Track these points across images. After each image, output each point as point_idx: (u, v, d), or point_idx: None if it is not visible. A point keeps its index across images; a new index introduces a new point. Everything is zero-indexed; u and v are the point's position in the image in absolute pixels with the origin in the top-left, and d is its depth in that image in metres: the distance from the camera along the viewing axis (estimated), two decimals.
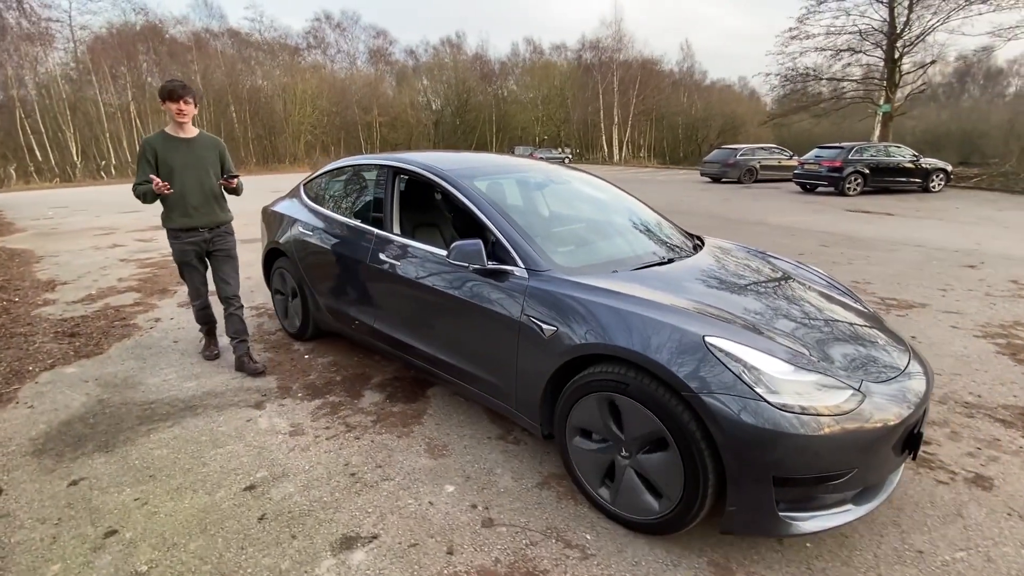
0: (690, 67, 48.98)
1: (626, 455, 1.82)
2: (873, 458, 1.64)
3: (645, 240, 2.72)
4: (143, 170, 2.93)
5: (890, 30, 20.09)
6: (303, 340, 3.70)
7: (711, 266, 2.42)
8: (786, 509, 1.60)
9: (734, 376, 1.57)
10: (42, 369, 3.26)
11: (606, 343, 1.79)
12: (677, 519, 1.73)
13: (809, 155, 14.29)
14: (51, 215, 11.55)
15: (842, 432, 1.54)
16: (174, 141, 2.99)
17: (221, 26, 38.60)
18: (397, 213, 2.89)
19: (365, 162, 3.34)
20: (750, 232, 8.02)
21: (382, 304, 2.85)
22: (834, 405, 1.57)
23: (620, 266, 2.27)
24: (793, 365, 1.65)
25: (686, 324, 1.72)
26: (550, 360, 1.96)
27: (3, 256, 6.93)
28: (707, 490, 1.63)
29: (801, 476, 1.57)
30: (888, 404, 1.66)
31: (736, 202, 12.16)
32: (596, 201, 3.18)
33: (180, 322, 4.15)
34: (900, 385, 1.76)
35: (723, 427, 1.54)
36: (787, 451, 1.52)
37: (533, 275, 2.11)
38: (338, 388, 3.01)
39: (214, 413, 2.71)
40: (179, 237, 3.08)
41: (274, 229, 3.73)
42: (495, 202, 2.44)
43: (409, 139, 43.23)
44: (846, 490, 1.64)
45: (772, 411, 1.52)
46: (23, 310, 4.49)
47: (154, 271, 5.88)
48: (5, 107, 27.70)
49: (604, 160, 41.46)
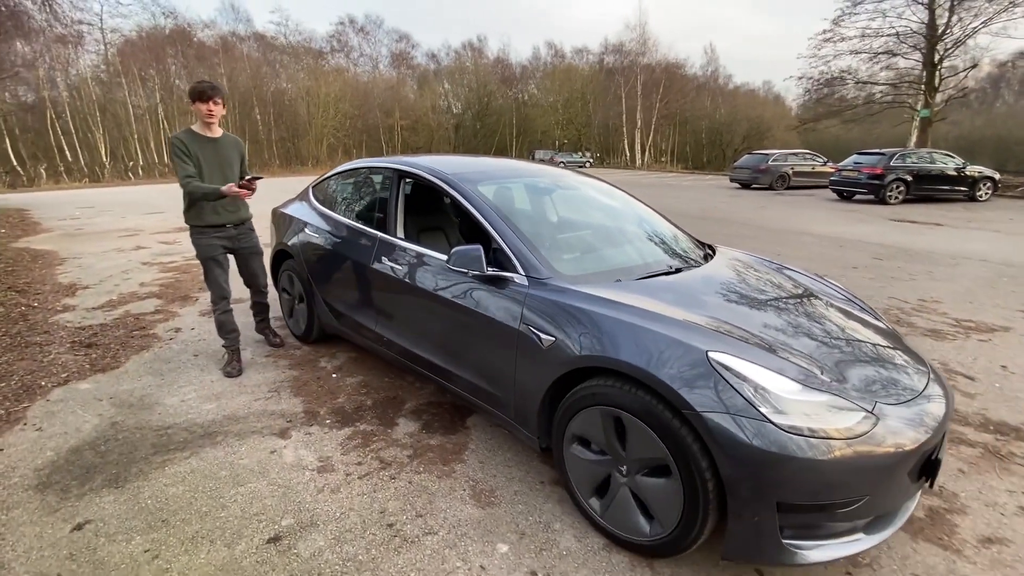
0: (714, 71, 48.27)
1: (624, 473, 1.74)
2: (886, 485, 1.53)
3: (653, 248, 2.62)
4: (186, 162, 2.92)
5: (930, 32, 19.34)
6: (309, 342, 3.68)
7: (721, 277, 2.31)
8: (792, 536, 1.50)
9: (737, 394, 1.48)
10: (55, 384, 3.05)
11: (604, 355, 1.72)
12: (671, 544, 1.66)
13: (847, 161, 13.72)
14: (78, 215, 11.61)
15: (853, 456, 1.45)
16: (202, 140, 3.00)
17: (247, 30, 39.26)
18: (401, 216, 2.84)
19: (372, 165, 3.29)
20: (796, 244, 7.59)
21: (384, 308, 2.81)
22: (845, 428, 1.48)
23: (625, 275, 2.18)
24: (802, 384, 1.55)
25: (688, 338, 1.64)
26: (548, 371, 1.89)
27: (27, 258, 6.86)
28: (706, 518, 1.55)
29: (808, 502, 1.47)
30: (903, 428, 1.56)
31: (772, 210, 11.67)
32: (604, 207, 3.08)
33: (201, 333, 3.93)
34: (917, 408, 1.65)
35: (724, 448, 1.46)
36: (792, 475, 1.43)
37: (533, 283, 2.04)
38: (369, 414, 2.73)
39: (235, 442, 2.45)
40: (206, 233, 3.09)
41: (282, 231, 3.71)
42: (497, 207, 2.37)
43: (430, 143, 43.29)
44: (857, 518, 1.53)
45: (777, 432, 1.43)
46: (41, 316, 4.32)
47: (176, 276, 5.71)
48: (37, 108, 28.37)
49: (626, 165, 40.93)
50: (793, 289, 2.37)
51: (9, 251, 7.38)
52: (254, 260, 3.37)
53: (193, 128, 3.01)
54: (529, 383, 1.99)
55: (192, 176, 2.91)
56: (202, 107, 2.93)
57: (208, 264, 3.14)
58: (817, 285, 2.52)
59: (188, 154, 2.92)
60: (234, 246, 3.23)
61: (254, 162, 34.21)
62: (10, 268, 6.24)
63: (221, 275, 3.17)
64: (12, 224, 10.36)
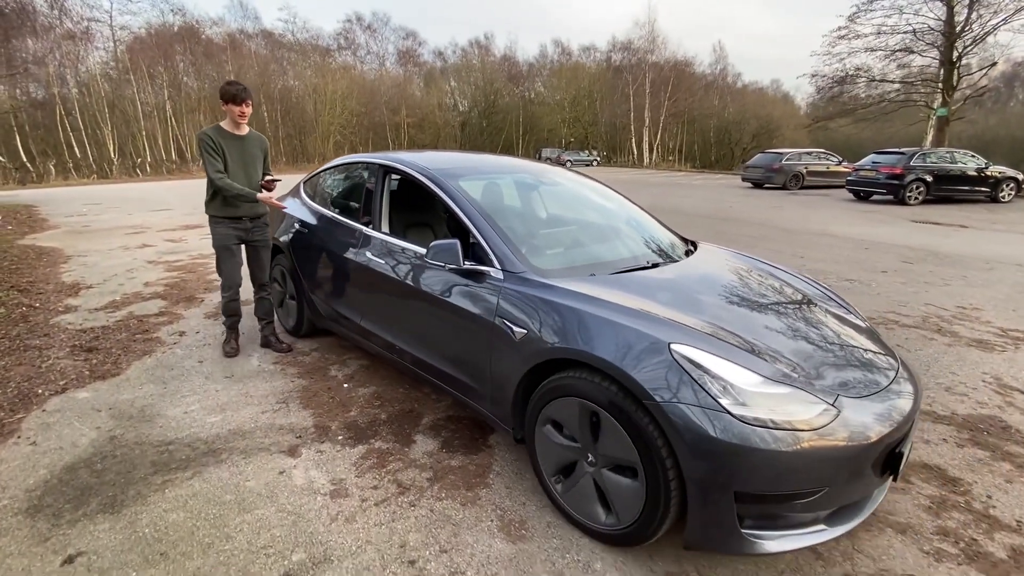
0: (723, 69, 47.80)
1: (591, 463, 1.78)
2: (847, 477, 1.55)
3: (632, 244, 2.65)
4: (216, 159, 3.06)
5: (948, 29, 18.95)
6: (300, 337, 3.73)
7: (697, 272, 2.37)
8: (752, 526, 1.52)
9: (697, 386, 1.51)
10: (52, 392, 2.89)
11: (570, 347, 1.76)
12: (627, 537, 1.70)
13: (865, 161, 13.41)
14: (85, 212, 11.52)
15: (811, 448, 1.47)
16: (230, 137, 3.14)
17: (255, 27, 39.21)
18: (386, 211, 2.89)
19: (359, 160, 3.33)
20: (817, 246, 7.34)
21: (368, 302, 2.87)
22: (804, 420, 1.50)
23: (600, 269, 2.20)
24: (762, 376, 1.57)
25: (652, 330, 1.67)
26: (521, 363, 1.92)
27: (32, 256, 6.73)
28: (666, 515, 1.58)
29: (766, 493, 1.49)
30: (865, 421, 1.57)
31: (788, 210, 11.41)
32: (587, 203, 3.12)
33: (206, 337, 3.76)
34: (881, 402, 1.67)
35: (682, 437, 1.48)
36: (750, 466, 1.45)
37: (508, 276, 2.08)
38: (384, 430, 2.55)
39: (241, 460, 2.27)
40: (223, 223, 3.22)
41: (274, 226, 3.71)
42: (476, 202, 2.40)
43: (436, 140, 43.13)
44: (818, 509, 1.55)
45: (736, 423, 1.45)
46: (42, 318, 4.17)
47: (181, 275, 5.56)
48: (47, 105, 28.44)
49: (634, 163, 40.60)
50: (768, 284, 2.41)
51: (15, 248, 7.27)
52: (263, 253, 3.45)
53: (223, 126, 3.15)
54: (503, 375, 2.02)
55: (222, 172, 3.06)
56: (235, 109, 3.08)
57: (222, 252, 3.27)
58: (794, 280, 2.55)
59: (216, 150, 3.05)
60: (248, 238, 3.33)
61: None
62: (14, 266, 6.12)
63: (234, 263, 3.31)
64: (19, 221, 10.27)
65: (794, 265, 6.02)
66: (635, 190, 16.55)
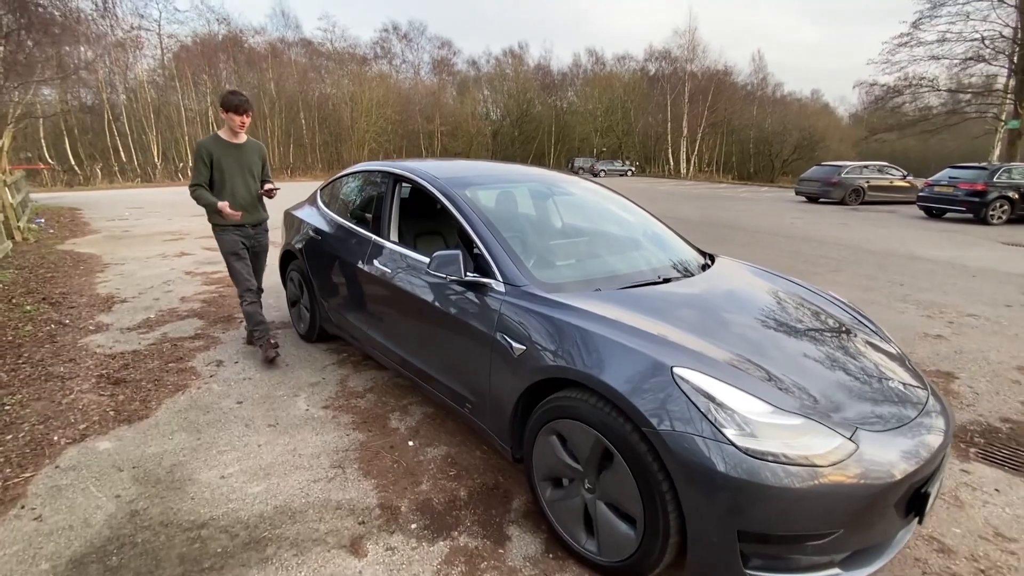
0: (763, 78, 46.44)
1: (589, 490, 1.68)
2: (865, 518, 1.38)
3: (644, 257, 2.52)
4: (201, 172, 3.15)
5: (1022, 36, 17.66)
6: (312, 342, 3.72)
7: (710, 289, 2.21)
8: (759, 567, 1.38)
9: (700, 413, 1.39)
10: (70, 441, 2.44)
11: (567, 366, 1.68)
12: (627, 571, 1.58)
13: (940, 176, 12.37)
14: (127, 216, 11.47)
15: (825, 486, 1.32)
16: (227, 146, 3.21)
17: (296, 36, 39.92)
18: (396, 220, 2.84)
19: (372, 168, 3.27)
20: (913, 271, 6.54)
21: (374, 310, 2.84)
22: (817, 454, 1.35)
23: (607, 284, 2.09)
24: (773, 405, 1.43)
25: (656, 352, 1.56)
26: (519, 380, 1.85)
27: (69, 263, 6.49)
28: (665, 550, 1.47)
29: (773, 533, 1.35)
30: (887, 457, 1.41)
31: (857, 228, 10.52)
32: (600, 213, 3.02)
33: (245, 368, 3.30)
34: (906, 436, 1.51)
35: (683, 469, 1.37)
36: (756, 503, 1.32)
37: (510, 290, 2.00)
38: (467, 516, 1.99)
39: (291, 559, 1.75)
40: (227, 231, 3.29)
41: (290, 232, 3.80)
42: (482, 212, 2.32)
43: (469, 148, 43.01)
44: (832, 552, 1.39)
45: (740, 456, 1.33)
46: (70, 338, 3.79)
47: (218, 290, 5.17)
48: (96, 109, 29.34)
49: (670, 174, 39.63)
50: (787, 303, 2.23)
51: (54, 254, 7.08)
52: (262, 259, 3.55)
53: (221, 135, 3.22)
54: (502, 392, 1.94)
55: (199, 185, 3.14)
56: (236, 118, 3.15)
57: (230, 259, 3.32)
58: (816, 299, 2.35)
59: (208, 163, 3.13)
60: (250, 244, 3.41)
61: (298, 165, 34.66)
62: (50, 274, 5.87)
63: (244, 269, 3.35)
64: (62, 224, 10.24)
65: (897, 295, 5.28)
66: (680, 203, 15.80)
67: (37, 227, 9.42)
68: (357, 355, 3.54)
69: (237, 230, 3.31)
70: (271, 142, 34.83)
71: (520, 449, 1.97)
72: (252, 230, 3.39)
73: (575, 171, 34.65)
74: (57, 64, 15.19)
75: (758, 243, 8.43)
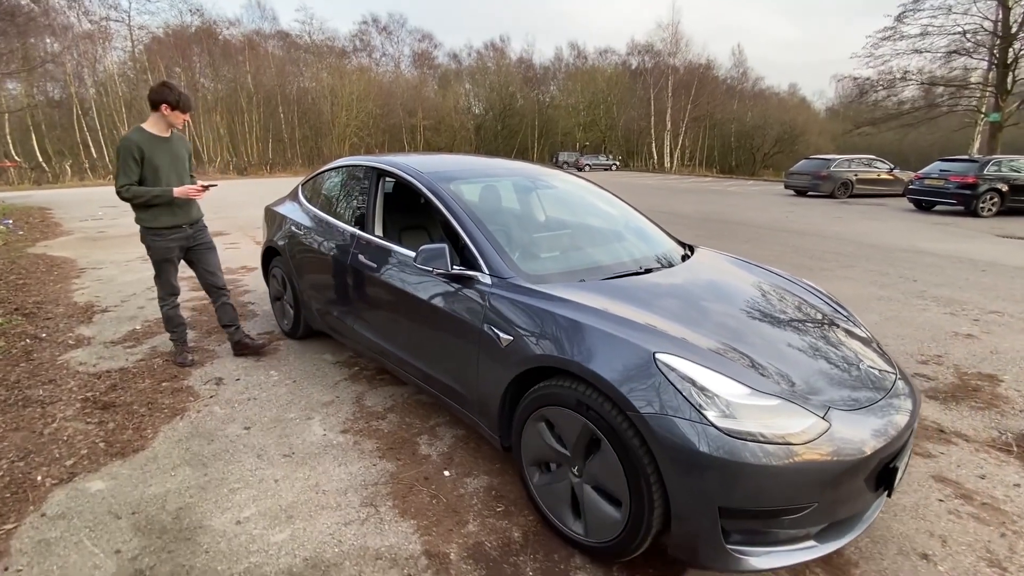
0: (743, 73, 46.78)
1: (577, 474, 1.72)
2: (838, 492, 1.47)
3: (626, 248, 2.58)
4: (131, 169, 2.87)
5: (1004, 31, 17.94)
6: (297, 338, 3.70)
7: (691, 278, 2.29)
8: (740, 542, 1.45)
9: (681, 396, 1.45)
10: (56, 481, 2.13)
11: (553, 355, 1.72)
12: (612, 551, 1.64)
13: (930, 168, 12.45)
14: (100, 215, 10.89)
15: (799, 463, 1.40)
16: (157, 140, 2.96)
17: (272, 28, 38.79)
18: (380, 214, 2.85)
19: (355, 163, 3.23)
20: (922, 265, 6.48)
21: (360, 305, 2.83)
22: (792, 433, 1.43)
23: (591, 275, 2.15)
24: (750, 388, 1.51)
25: (638, 339, 1.62)
26: (506, 370, 1.88)
27: (42, 267, 6.05)
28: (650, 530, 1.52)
29: (751, 508, 1.42)
30: (857, 435, 1.50)
31: (853, 221, 10.51)
32: (583, 206, 3.07)
33: (248, 386, 3.01)
34: (875, 415, 1.59)
35: (666, 450, 1.43)
36: (736, 480, 1.38)
37: (496, 282, 2.03)
38: (527, 562, 1.75)
39: None
40: (163, 235, 3.06)
41: (272, 228, 3.77)
42: (467, 206, 2.36)
43: (452, 143, 42.46)
44: (808, 525, 1.47)
45: (720, 436, 1.39)
46: (48, 354, 3.44)
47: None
48: (64, 104, 28.09)
49: (654, 168, 39.67)
50: (763, 290, 2.31)
51: (24, 258, 6.61)
52: (211, 256, 3.32)
53: (147, 128, 2.95)
54: (490, 382, 1.97)
55: (131, 184, 2.87)
56: (180, 117, 2.96)
57: (163, 266, 3.15)
58: (792, 287, 2.44)
59: (138, 160, 2.86)
60: (190, 244, 3.20)
61: (277, 161, 33.75)
62: (21, 280, 5.43)
63: (173, 274, 3.23)
64: (32, 225, 9.67)
65: (914, 291, 5.18)
66: (671, 198, 15.71)
67: (5, 228, 8.85)
68: (370, 368, 3.27)
69: (173, 232, 3.09)
70: (249, 137, 33.85)
71: (508, 438, 2.01)
72: (190, 229, 3.18)
73: (559, 165, 34.55)
74: (23, 56, 14.38)
75: (760, 239, 8.33)
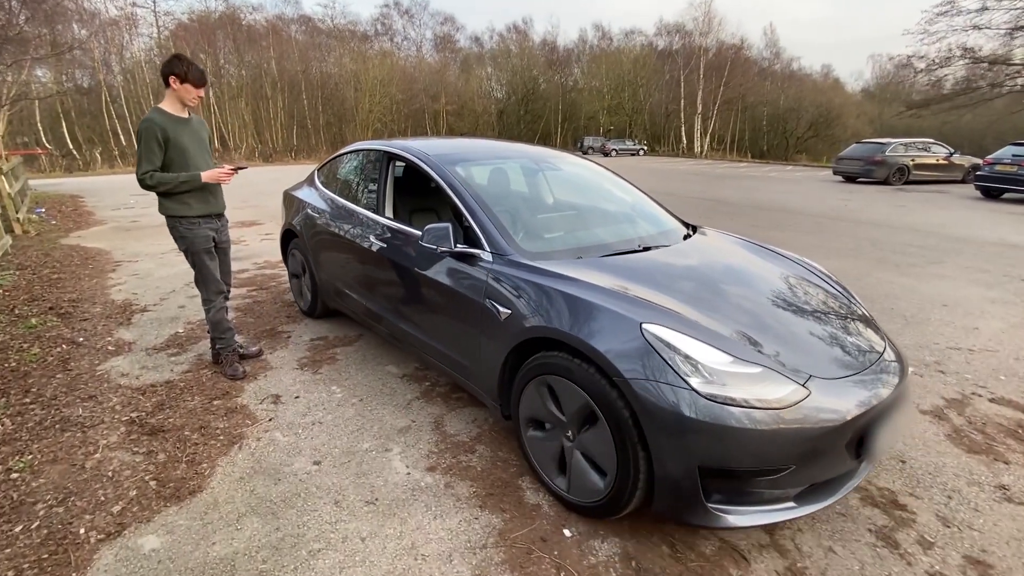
0: (775, 54, 44.88)
1: (569, 439, 1.82)
2: (815, 457, 1.53)
3: (625, 228, 2.66)
4: (154, 154, 2.58)
5: None
6: (315, 318, 3.80)
7: (688, 255, 2.34)
8: (720, 500, 1.53)
9: (666, 364, 1.53)
10: (102, 536, 1.77)
11: (546, 326, 1.80)
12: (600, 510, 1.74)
13: (1002, 154, 11.50)
14: (132, 204, 10.71)
15: (777, 427, 1.46)
16: (179, 121, 2.69)
17: (295, 12, 38.50)
18: (390, 196, 2.94)
19: (367, 147, 3.30)
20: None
21: (372, 283, 2.91)
22: (772, 399, 1.49)
23: (589, 253, 2.21)
24: (733, 356, 1.58)
25: (626, 310, 1.69)
26: (505, 342, 1.97)
27: (76, 261, 5.79)
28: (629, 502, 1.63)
29: (730, 468, 1.49)
30: (836, 402, 1.56)
31: (920, 211, 9.74)
32: (587, 187, 3.16)
33: (312, 407, 2.63)
34: (857, 385, 1.65)
35: (651, 414, 1.50)
36: (716, 442, 1.46)
37: (497, 258, 2.11)
38: None
39: None
40: (198, 224, 2.80)
41: (290, 211, 3.84)
42: (471, 186, 2.43)
43: (475, 127, 41.78)
44: (786, 487, 1.54)
45: (701, 401, 1.46)
46: (87, 363, 3.12)
47: (251, 293, 4.48)
48: (93, 91, 28.25)
49: (683, 153, 38.48)
50: (760, 266, 2.37)
51: (58, 249, 6.39)
52: (229, 255, 3.14)
53: (167, 110, 2.65)
54: (492, 353, 2.05)
55: (154, 170, 2.60)
56: (191, 91, 2.65)
57: (201, 258, 2.84)
58: (788, 264, 2.49)
59: (162, 144, 2.59)
60: (218, 238, 2.97)
61: (302, 147, 33.59)
62: (56, 275, 5.17)
63: (216, 268, 2.92)
64: (64, 214, 9.51)
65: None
66: (710, 184, 14.99)
67: (38, 218, 8.69)
68: (443, 384, 2.86)
69: (208, 222, 2.84)
70: (274, 124, 33.72)
71: (508, 407, 2.10)
72: (218, 222, 2.94)
73: (584, 151, 33.63)
74: (51, 42, 14.27)
75: (824, 230, 7.69)
